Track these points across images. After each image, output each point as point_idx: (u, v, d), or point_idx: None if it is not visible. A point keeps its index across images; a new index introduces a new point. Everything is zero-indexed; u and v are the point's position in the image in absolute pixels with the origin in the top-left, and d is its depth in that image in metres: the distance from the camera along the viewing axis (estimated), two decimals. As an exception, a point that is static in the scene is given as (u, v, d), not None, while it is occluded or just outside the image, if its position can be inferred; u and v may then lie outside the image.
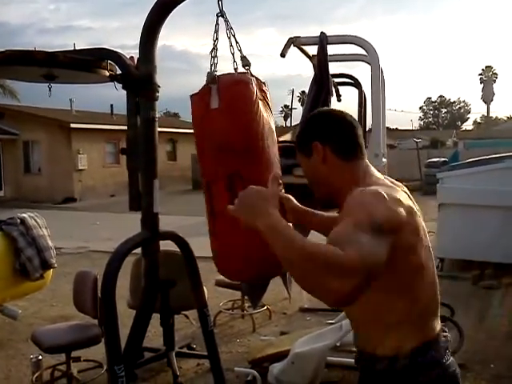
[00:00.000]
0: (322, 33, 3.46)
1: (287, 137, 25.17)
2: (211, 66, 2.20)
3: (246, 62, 2.25)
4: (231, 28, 2.23)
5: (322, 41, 3.42)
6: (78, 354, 3.63)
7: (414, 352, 1.39)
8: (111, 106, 20.82)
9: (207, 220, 2.16)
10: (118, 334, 2.17)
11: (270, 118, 2.21)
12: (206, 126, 2.11)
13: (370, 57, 3.66)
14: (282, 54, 3.45)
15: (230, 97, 2.11)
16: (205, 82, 2.12)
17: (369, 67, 3.76)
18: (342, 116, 1.54)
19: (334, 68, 3.56)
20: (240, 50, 2.26)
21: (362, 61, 4.33)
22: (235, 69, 2.23)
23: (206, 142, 2.11)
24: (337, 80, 4.72)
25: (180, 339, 4.20)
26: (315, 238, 1.54)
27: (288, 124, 49.28)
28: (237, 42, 2.26)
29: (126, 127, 2.49)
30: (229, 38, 2.24)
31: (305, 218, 1.75)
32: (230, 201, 2.02)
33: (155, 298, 2.60)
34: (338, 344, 3.43)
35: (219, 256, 2.17)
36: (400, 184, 1.55)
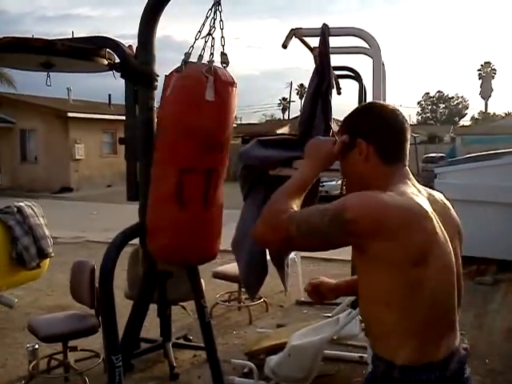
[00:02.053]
0: (324, 24, 3.43)
1: (285, 129, 25.15)
2: (206, 54, 2.18)
3: (224, 60, 2.23)
4: (221, 20, 2.21)
5: (324, 32, 3.39)
6: (75, 343, 3.63)
7: (405, 368, 1.32)
8: (109, 95, 20.56)
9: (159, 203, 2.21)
10: (115, 324, 2.16)
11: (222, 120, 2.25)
12: (194, 114, 2.11)
13: (372, 50, 3.63)
14: (284, 46, 3.42)
15: (224, 94, 2.12)
16: (182, 62, 2.15)
17: (369, 60, 3.73)
18: (394, 115, 1.47)
19: (334, 60, 3.53)
20: (223, 45, 2.23)
21: (364, 53, 4.30)
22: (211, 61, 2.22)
23: (191, 130, 2.11)
24: (337, 73, 4.69)
25: (177, 330, 4.21)
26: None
27: (286, 117, 49.16)
28: (222, 37, 2.23)
29: (123, 117, 2.47)
30: (221, 29, 2.22)
31: (342, 290, 1.77)
32: (203, 193, 2.09)
33: (153, 288, 2.59)
34: (334, 337, 3.43)
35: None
36: (436, 194, 1.51)
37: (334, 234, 1.31)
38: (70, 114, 17.64)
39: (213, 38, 2.21)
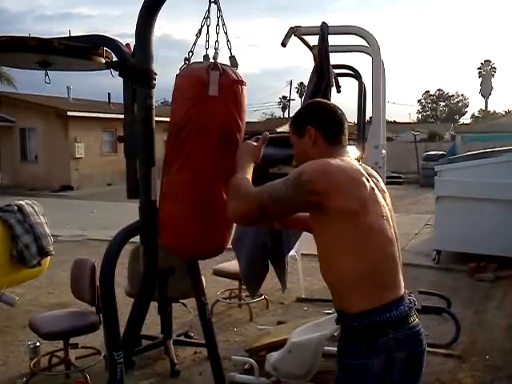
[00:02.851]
0: (323, 23, 3.44)
1: (285, 128, 25.16)
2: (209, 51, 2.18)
3: (233, 63, 2.22)
4: (221, 16, 2.21)
5: (323, 31, 3.39)
6: (76, 340, 3.64)
7: (363, 314, 1.59)
8: (108, 94, 20.71)
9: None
10: (117, 321, 2.16)
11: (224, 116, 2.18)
12: (204, 111, 2.11)
13: (372, 48, 3.63)
14: (283, 44, 3.43)
15: (233, 90, 2.12)
16: (185, 60, 2.16)
17: (369, 58, 3.74)
18: (334, 108, 1.85)
19: (333, 59, 3.53)
20: (230, 49, 2.23)
21: (363, 52, 4.31)
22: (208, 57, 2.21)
23: (203, 126, 2.12)
24: (336, 71, 4.69)
25: (178, 327, 4.22)
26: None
27: (286, 115, 49.14)
28: (228, 41, 2.23)
29: (123, 116, 2.47)
30: (217, 25, 2.22)
31: (286, 219, 2.06)
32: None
33: (154, 285, 2.59)
34: (335, 334, 3.43)
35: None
36: (369, 169, 1.81)
37: (299, 195, 1.59)
38: (70, 113, 17.61)
39: (216, 33, 2.20)
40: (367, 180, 1.66)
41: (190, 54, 2.23)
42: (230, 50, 2.24)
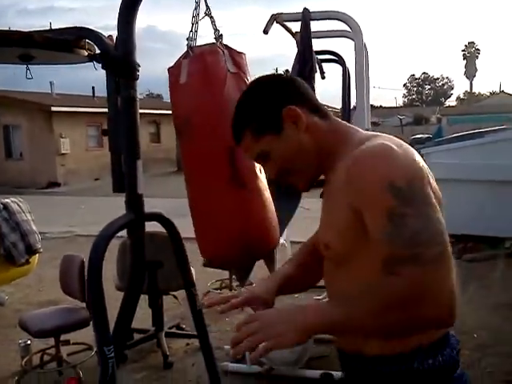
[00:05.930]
0: (304, 9, 3.42)
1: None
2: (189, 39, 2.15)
3: (217, 35, 2.20)
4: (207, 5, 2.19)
5: (305, 17, 3.38)
6: (67, 337, 3.63)
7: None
8: (93, 88, 20.51)
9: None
10: (105, 315, 2.15)
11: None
12: (222, 88, 2.05)
13: (354, 33, 3.63)
14: (265, 31, 3.41)
15: (242, 64, 2.08)
16: (188, 47, 2.12)
17: (352, 43, 3.73)
18: (292, 76, 1.43)
19: (317, 44, 3.52)
20: (213, 23, 2.20)
21: (346, 37, 4.30)
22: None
23: (225, 105, 2.06)
24: (320, 57, 4.68)
25: (169, 320, 4.23)
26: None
27: (272, 103, 48.97)
28: (211, 17, 2.20)
29: (107, 109, 2.45)
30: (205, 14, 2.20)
31: (292, 281, 1.35)
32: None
33: (143, 279, 2.58)
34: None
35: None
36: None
37: (436, 209, 0.99)
38: (54, 108, 17.41)
39: (210, 17, 2.18)
40: None
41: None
42: (213, 23, 2.20)
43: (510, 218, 6.02)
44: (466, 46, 59.48)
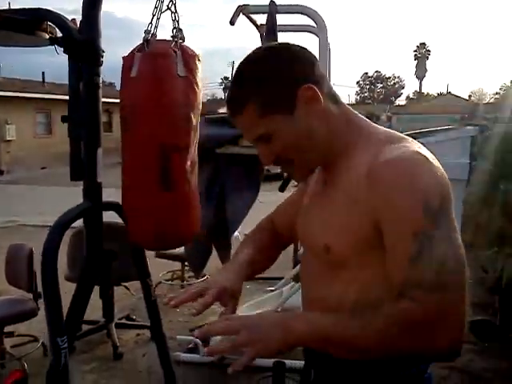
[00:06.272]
0: (271, 1, 3.42)
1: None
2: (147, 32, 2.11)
3: (181, 36, 2.16)
4: None
5: (272, 9, 3.38)
6: (11, 329, 3.51)
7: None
8: (43, 73, 19.77)
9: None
10: (60, 305, 2.11)
11: (193, 95, 2.12)
12: (168, 91, 2.05)
13: (319, 28, 3.64)
14: (231, 22, 3.38)
15: (193, 67, 2.07)
16: (144, 40, 2.07)
17: (315, 39, 3.75)
18: (301, 46, 1.08)
19: (280, 39, 3.52)
20: (177, 21, 2.16)
21: (311, 32, 4.31)
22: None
23: (167, 107, 2.08)
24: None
25: (119, 310, 4.16)
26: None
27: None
28: (176, 12, 2.16)
29: (59, 96, 2.38)
30: (174, 3, 2.15)
31: (255, 266, 1.30)
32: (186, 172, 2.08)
33: (99, 269, 2.53)
34: (279, 310, 3.51)
35: None
36: None
37: (458, 233, 0.93)
38: (-1, 93, 16.66)
39: (172, 13, 2.14)
40: None
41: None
42: (177, 21, 2.16)
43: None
44: (417, 46, 61.31)
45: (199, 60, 2.14)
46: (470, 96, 53.28)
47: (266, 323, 0.93)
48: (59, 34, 2.33)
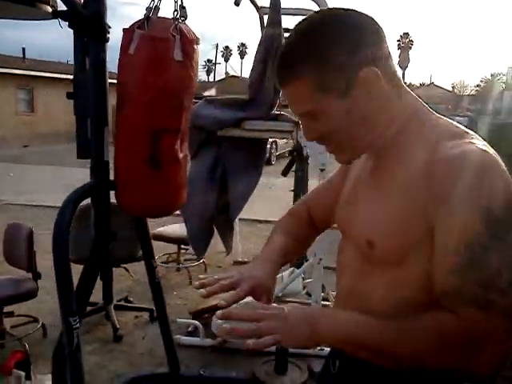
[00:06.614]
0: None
1: (212, 92, 24.81)
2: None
3: (183, 14, 2.13)
4: None
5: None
6: (11, 309, 3.47)
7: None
8: (23, 49, 19.26)
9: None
10: (72, 286, 2.10)
11: (188, 80, 2.11)
12: (163, 75, 2.04)
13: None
14: (236, 3, 3.35)
15: (190, 52, 2.05)
16: (144, 18, 2.03)
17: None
18: (363, 13, 0.97)
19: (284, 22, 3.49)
20: (177, 1, 2.13)
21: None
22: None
23: (161, 91, 2.07)
24: (288, 35, 4.67)
25: (116, 293, 4.14)
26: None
27: (211, 79, 48.43)
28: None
29: (42, 73, 2.33)
30: None
31: (288, 257, 1.26)
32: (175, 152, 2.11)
33: (106, 249, 2.52)
34: (279, 294, 3.55)
35: None
36: None
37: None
38: (-22, 68, 16.22)
39: None
40: None
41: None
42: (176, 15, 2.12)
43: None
44: (401, 36, 61.54)
45: (198, 43, 2.12)
46: (453, 87, 53.86)
47: (293, 317, 0.91)
48: (60, 11, 2.28)
